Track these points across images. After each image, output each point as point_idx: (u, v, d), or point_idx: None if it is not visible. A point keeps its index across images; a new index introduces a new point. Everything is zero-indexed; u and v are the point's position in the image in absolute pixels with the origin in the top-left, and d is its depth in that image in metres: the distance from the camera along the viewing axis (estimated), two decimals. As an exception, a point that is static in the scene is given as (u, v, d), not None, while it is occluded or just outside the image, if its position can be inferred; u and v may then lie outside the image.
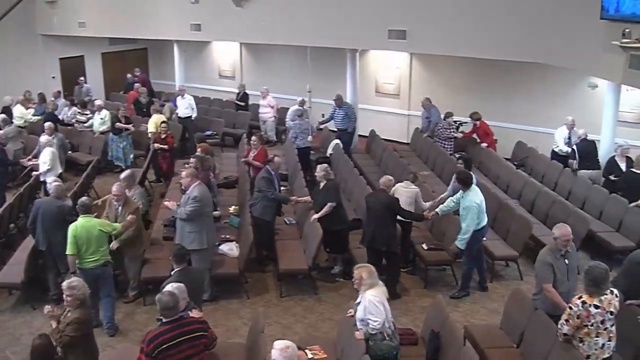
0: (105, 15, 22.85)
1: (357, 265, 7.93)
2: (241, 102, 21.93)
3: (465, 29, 15.17)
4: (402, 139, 20.44)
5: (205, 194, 10.59)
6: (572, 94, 17.09)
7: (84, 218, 9.88)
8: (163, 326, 6.72)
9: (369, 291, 7.60)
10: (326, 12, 17.47)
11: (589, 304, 7.09)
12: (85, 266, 9.76)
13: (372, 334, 7.54)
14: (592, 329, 7.15)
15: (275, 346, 6.08)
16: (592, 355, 7.20)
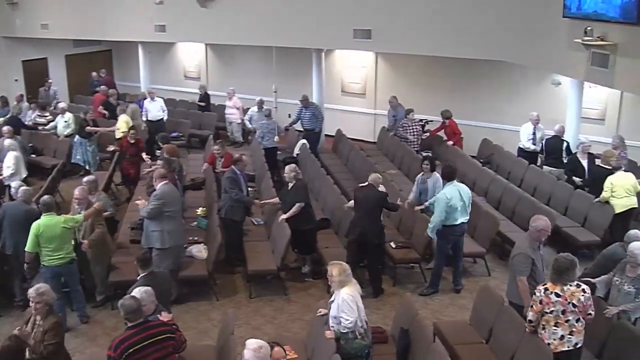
0: (68, 16, 22.59)
1: (330, 262, 7.89)
2: (201, 102, 21.90)
3: (430, 28, 15.27)
4: (369, 138, 20.49)
5: (169, 193, 10.54)
6: (536, 91, 17.28)
7: (46, 216, 9.84)
8: (128, 330, 6.67)
9: (344, 289, 7.56)
10: (291, 12, 17.47)
11: (551, 291, 7.32)
12: (50, 264, 9.75)
13: (344, 332, 7.54)
14: (551, 317, 7.33)
15: (248, 346, 6.07)
16: (551, 344, 7.36)
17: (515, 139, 16.19)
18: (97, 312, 10.64)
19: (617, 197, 11.94)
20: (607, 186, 11.95)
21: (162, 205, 10.35)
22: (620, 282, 8.17)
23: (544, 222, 8.52)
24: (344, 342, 7.55)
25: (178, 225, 10.78)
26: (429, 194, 12.00)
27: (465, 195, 10.95)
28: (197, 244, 11.68)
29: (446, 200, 10.71)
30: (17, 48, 24.61)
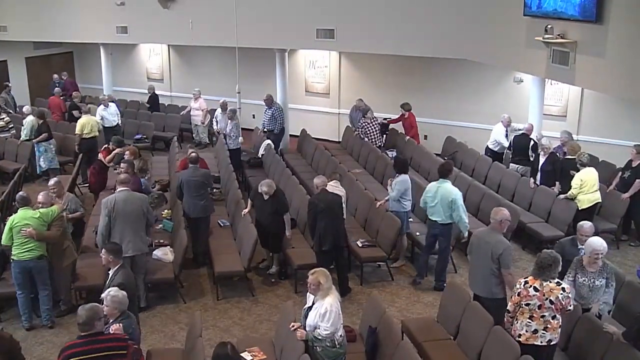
0: (27, 18, 22.28)
1: (312, 270, 7.71)
2: (149, 103, 21.88)
3: (393, 27, 15.34)
4: (333, 138, 20.53)
5: (114, 201, 10.33)
6: (498, 89, 17.44)
7: (21, 210, 9.98)
8: (77, 339, 6.60)
9: (328, 299, 7.46)
10: (254, 12, 17.44)
11: (530, 285, 7.48)
12: (19, 257, 9.76)
13: (319, 339, 7.47)
14: (526, 309, 7.48)
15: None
16: (522, 335, 7.46)
17: (479, 137, 16.37)
18: (62, 319, 10.50)
19: (585, 193, 12.07)
20: (577, 183, 12.05)
21: (106, 214, 10.25)
22: (589, 280, 8.25)
23: (505, 212, 8.81)
24: (320, 349, 7.49)
25: (130, 231, 10.24)
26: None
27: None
28: (163, 246, 11.60)
29: (460, 196, 11.08)
30: (-25, 51, 24.24)
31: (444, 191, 11.03)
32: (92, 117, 17.44)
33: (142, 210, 10.35)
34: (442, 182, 11.19)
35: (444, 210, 10.99)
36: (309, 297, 7.75)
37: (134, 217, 10.24)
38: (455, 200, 10.92)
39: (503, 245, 8.61)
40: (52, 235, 10.06)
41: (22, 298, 10.06)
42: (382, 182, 15.02)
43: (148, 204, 10.71)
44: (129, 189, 10.52)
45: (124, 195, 10.35)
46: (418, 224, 12.69)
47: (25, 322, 10.16)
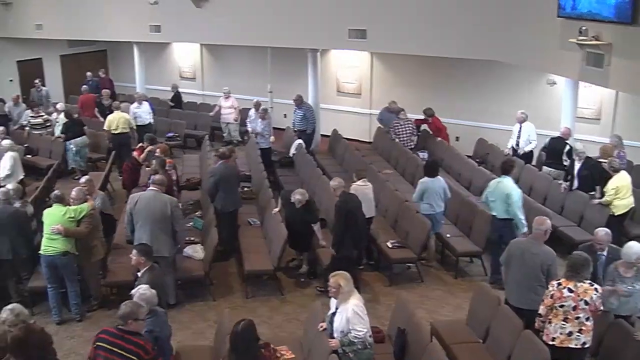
0: (63, 17, 22.54)
1: (332, 274, 7.65)
2: (172, 102, 21.97)
3: (425, 28, 15.28)
4: (364, 138, 20.49)
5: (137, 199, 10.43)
6: (531, 91, 17.28)
7: (54, 205, 10.19)
8: (114, 329, 6.68)
9: (351, 301, 7.39)
10: (286, 12, 17.46)
11: (564, 286, 7.43)
12: (45, 252, 9.96)
13: (353, 342, 7.38)
14: (560, 311, 7.43)
15: None
16: (556, 338, 7.39)
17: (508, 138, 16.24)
18: (93, 313, 10.65)
19: (621, 199, 11.91)
20: (611, 190, 11.87)
21: (129, 211, 10.39)
22: (628, 286, 8.15)
23: (549, 222, 8.77)
24: (353, 353, 7.40)
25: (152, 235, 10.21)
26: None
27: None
28: (193, 244, 11.66)
29: (519, 192, 11.20)
30: (12, 48, 24.56)
31: (502, 187, 11.14)
32: (121, 114, 17.58)
33: (166, 213, 10.20)
34: (502, 178, 11.32)
35: (501, 206, 11.08)
36: (332, 302, 7.70)
37: (156, 218, 10.17)
38: (511, 195, 10.99)
39: (552, 256, 8.52)
40: (81, 232, 10.19)
41: (52, 292, 10.23)
42: (412, 183, 14.96)
43: (176, 207, 10.50)
44: (159, 190, 10.48)
45: (150, 195, 10.40)
46: (448, 225, 12.64)
47: (56, 316, 10.32)
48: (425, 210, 11.93)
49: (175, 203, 10.55)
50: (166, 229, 10.23)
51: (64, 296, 10.36)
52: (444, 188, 12.12)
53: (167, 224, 10.23)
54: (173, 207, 10.32)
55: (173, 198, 10.71)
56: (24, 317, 7.06)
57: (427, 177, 12.05)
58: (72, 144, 17.11)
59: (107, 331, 6.70)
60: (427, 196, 11.91)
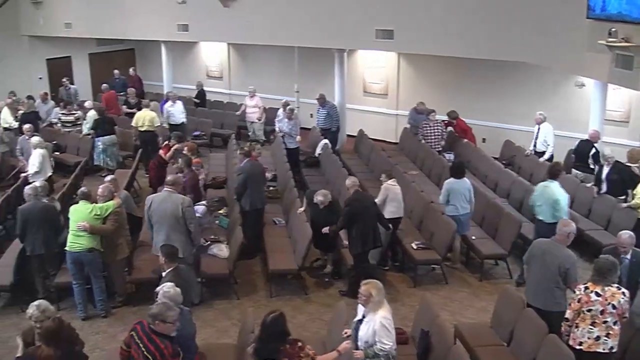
0: (91, 15, 22.75)
1: (365, 281, 7.45)
2: (197, 99, 22.06)
3: (452, 29, 15.21)
4: (391, 139, 20.45)
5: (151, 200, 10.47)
6: (559, 93, 17.14)
7: (81, 202, 10.33)
8: (148, 324, 6.71)
9: (379, 312, 7.20)
10: (314, 12, 17.48)
11: (591, 290, 7.37)
12: (71, 248, 10.07)
13: (378, 354, 7.20)
14: (587, 315, 7.37)
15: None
16: (584, 342, 7.33)
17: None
18: (118, 310, 10.76)
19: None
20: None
21: (146, 212, 10.49)
22: None
23: (573, 226, 8.68)
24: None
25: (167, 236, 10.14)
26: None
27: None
28: (219, 243, 11.71)
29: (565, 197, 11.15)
30: (41, 46, 24.88)
31: (549, 191, 11.08)
32: (148, 112, 17.73)
33: (178, 213, 10.12)
34: (549, 182, 11.24)
35: (548, 210, 11.01)
36: (359, 308, 7.51)
37: (168, 219, 10.16)
38: (559, 200, 10.93)
39: (572, 260, 8.42)
40: (106, 229, 10.27)
41: (78, 288, 10.32)
42: (438, 184, 14.91)
43: (188, 207, 10.32)
44: (173, 191, 10.43)
45: (162, 196, 10.42)
46: (474, 227, 12.59)
47: (81, 312, 10.42)
48: (450, 212, 11.88)
49: (188, 203, 10.36)
50: (180, 229, 10.17)
51: (89, 292, 10.46)
52: (469, 190, 12.06)
53: (181, 224, 10.17)
54: (185, 207, 10.18)
55: (185, 198, 10.54)
56: (50, 314, 7.12)
57: (453, 178, 12.02)
58: (100, 141, 17.24)
59: (142, 323, 6.78)
60: (452, 197, 11.87)
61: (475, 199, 12.47)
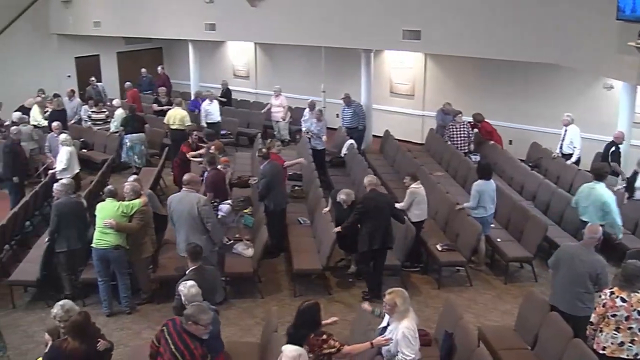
0: (120, 14, 22.96)
1: (389, 290, 7.40)
2: (223, 97, 22.10)
3: (480, 30, 15.12)
4: (417, 140, 20.40)
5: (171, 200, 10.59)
6: (587, 95, 16.98)
7: (107, 200, 10.47)
8: (180, 323, 6.76)
9: (403, 322, 7.15)
10: (340, 12, 17.46)
11: (617, 295, 7.30)
12: (97, 245, 10.19)
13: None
14: (612, 320, 7.31)
15: (287, 354, 6.10)
16: (607, 347, 7.27)
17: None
18: (142, 307, 10.85)
19: None
20: None
21: (170, 214, 10.62)
22: None
23: (600, 230, 8.69)
24: None
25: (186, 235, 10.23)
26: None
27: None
28: (243, 241, 11.74)
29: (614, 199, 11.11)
30: (70, 45, 25.13)
31: (596, 193, 11.05)
32: (180, 110, 17.86)
33: (194, 212, 10.15)
34: (595, 184, 11.20)
35: (595, 212, 11.00)
36: (386, 315, 7.51)
37: (186, 219, 10.21)
38: (608, 203, 10.90)
39: (602, 264, 8.37)
40: (132, 227, 10.36)
41: (103, 285, 10.42)
42: (464, 186, 14.86)
43: (204, 206, 10.30)
44: (191, 190, 10.44)
45: (180, 196, 10.50)
46: (499, 230, 12.52)
47: (106, 309, 10.53)
48: (480, 214, 11.81)
49: (204, 202, 10.36)
50: (198, 228, 10.19)
51: (114, 289, 10.56)
52: (494, 190, 12.05)
53: (198, 223, 10.18)
54: (200, 206, 10.18)
55: (202, 197, 10.57)
56: (74, 313, 7.19)
57: (482, 179, 11.95)
58: (128, 139, 17.35)
59: (174, 320, 6.83)
60: (481, 199, 11.80)
61: (501, 201, 12.46)
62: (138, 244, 10.55)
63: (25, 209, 13.15)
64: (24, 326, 10.28)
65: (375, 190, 11.14)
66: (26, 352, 9.44)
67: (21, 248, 12.63)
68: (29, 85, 21.07)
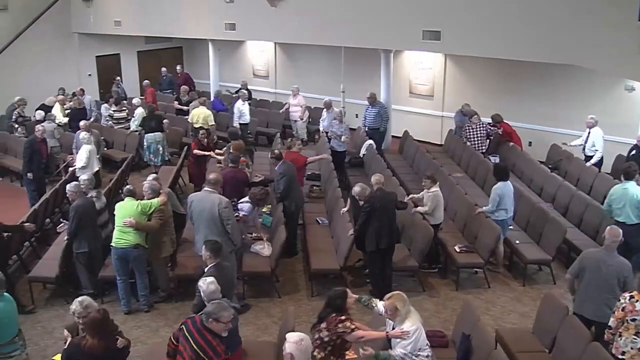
0: (140, 14, 23.08)
1: (388, 295, 7.48)
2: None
3: (501, 31, 15.03)
4: (436, 140, 20.36)
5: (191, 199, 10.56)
6: (608, 97, 16.85)
7: (126, 199, 10.54)
8: (199, 321, 6.75)
9: (406, 324, 7.19)
10: (360, 12, 17.42)
11: (636, 300, 7.24)
12: (117, 244, 10.23)
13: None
14: (631, 325, 7.26)
15: (289, 339, 6.09)
16: (627, 352, 7.21)
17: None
18: (160, 305, 10.89)
19: None
20: None
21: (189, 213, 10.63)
22: None
23: (620, 232, 8.58)
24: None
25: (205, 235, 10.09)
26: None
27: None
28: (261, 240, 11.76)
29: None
30: (91, 44, 25.30)
31: (630, 192, 11.06)
32: (204, 109, 18.08)
33: (215, 213, 10.13)
34: (626, 183, 11.20)
35: (632, 211, 11.00)
36: (388, 322, 7.54)
37: (206, 219, 10.20)
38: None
39: (628, 267, 8.32)
40: (152, 226, 10.41)
41: (121, 284, 10.48)
42: (483, 187, 14.81)
43: (225, 208, 10.24)
44: (213, 190, 10.46)
45: (200, 196, 10.53)
46: (519, 232, 12.47)
47: (124, 307, 10.59)
48: (501, 216, 11.75)
49: (225, 203, 10.29)
50: (218, 229, 10.16)
51: (132, 286, 10.61)
52: (512, 192, 12.03)
53: (218, 225, 10.17)
54: (222, 208, 10.15)
55: (223, 198, 10.46)
56: (92, 310, 7.23)
57: (500, 182, 11.89)
58: (145, 138, 17.43)
59: (193, 318, 6.84)
60: (502, 202, 11.74)
61: (520, 203, 12.45)
62: (157, 243, 10.62)
63: (45, 206, 13.24)
64: (43, 322, 10.37)
65: (382, 189, 11.14)
66: (45, 348, 9.52)
67: (41, 245, 12.74)
68: (51, 84, 21.22)
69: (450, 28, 15.82)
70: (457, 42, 15.99)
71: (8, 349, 8.05)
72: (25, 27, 23.55)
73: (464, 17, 15.56)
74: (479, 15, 15.29)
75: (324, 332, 6.98)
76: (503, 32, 14.97)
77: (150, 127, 17.42)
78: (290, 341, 6.05)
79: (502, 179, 11.91)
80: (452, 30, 15.81)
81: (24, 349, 8.27)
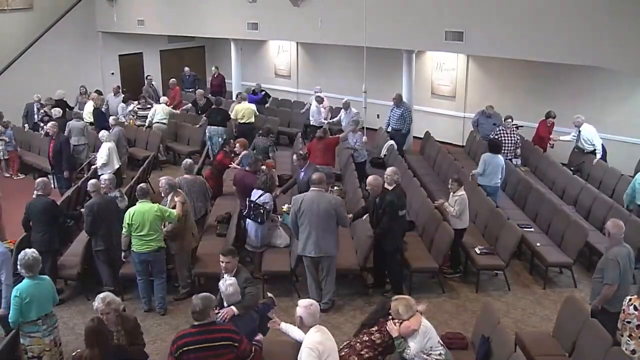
0: (164, 13, 23.21)
1: (394, 297, 7.70)
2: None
3: (525, 32, 14.93)
4: (457, 142, 20.30)
5: (301, 201, 10.42)
6: (633, 98, 16.73)
7: (140, 202, 10.39)
8: (191, 329, 6.78)
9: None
10: (383, 12, 17.39)
11: (632, 303, 7.32)
12: (139, 250, 10.22)
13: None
14: (627, 327, 7.37)
15: (300, 304, 6.69)
16: None
17: (610, 149, 15.77)
18: (181, 302, 10.95)
19: None
20: None
21: (294, 215, 10.60)
22: None
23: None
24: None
25: (317, 235, 10.25)
26: None
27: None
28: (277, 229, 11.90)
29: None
30: (114, 43, 25.51)
31: None
32: (248, 105, 18.65)
33: (330, 212, 10.19)
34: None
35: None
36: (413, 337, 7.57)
37: (322, 217, 10.20)
38: None
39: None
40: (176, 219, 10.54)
41: (142, 283, 10.55)
42: (504, 189, 14.73)
43: (340, 207, 10.40)
44: (321, 190, 10.40)
45: (311, 195, 10.35)
46: (540, 234, 12.40)
47: (145, 305, 10.67)
48: (482, 182, 13.58)
49: (341, 203, 10.50)
50: (331, 227, 10.25)
51: (152, 284, 10.65)
52: (502, 166, 13.58)
53: (332, 223, 10.24)
54: (337, 207, 10.25)
55: (337, 198, 10.65)
56: (115, 306, 7.27)
57: (490, 153, 13.66)
58: (208, 129, 18.10)
59: (186, 334, 6.77)
60: (490, 170, 13.42)
61: (542, 205, 12.40)
62: (181, 236, 10.73)
63: (67, 203, 13.34)
64: (64, 318, 10.42)
65: (385, 191, 10.99)
66: (67, 344, 9.56)
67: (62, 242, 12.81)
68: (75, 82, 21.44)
69: (472, 29, 15.75)
70: (480, 43, 15.92)
71: (29, 329, 8.14)
72: (49, 26, 23.83)
73: (486, 18, 15.48)
74: (502, 16, 15.21)
75: (375, 334, 7.45)
76: (526, 33, 14.86)
77: (216, 120, 17.97)
78: (301, 305, 6.68)
79: (491, 151, 13.71)
80: (475, 31, 15.74)
81: (47, 333, 8.26)
